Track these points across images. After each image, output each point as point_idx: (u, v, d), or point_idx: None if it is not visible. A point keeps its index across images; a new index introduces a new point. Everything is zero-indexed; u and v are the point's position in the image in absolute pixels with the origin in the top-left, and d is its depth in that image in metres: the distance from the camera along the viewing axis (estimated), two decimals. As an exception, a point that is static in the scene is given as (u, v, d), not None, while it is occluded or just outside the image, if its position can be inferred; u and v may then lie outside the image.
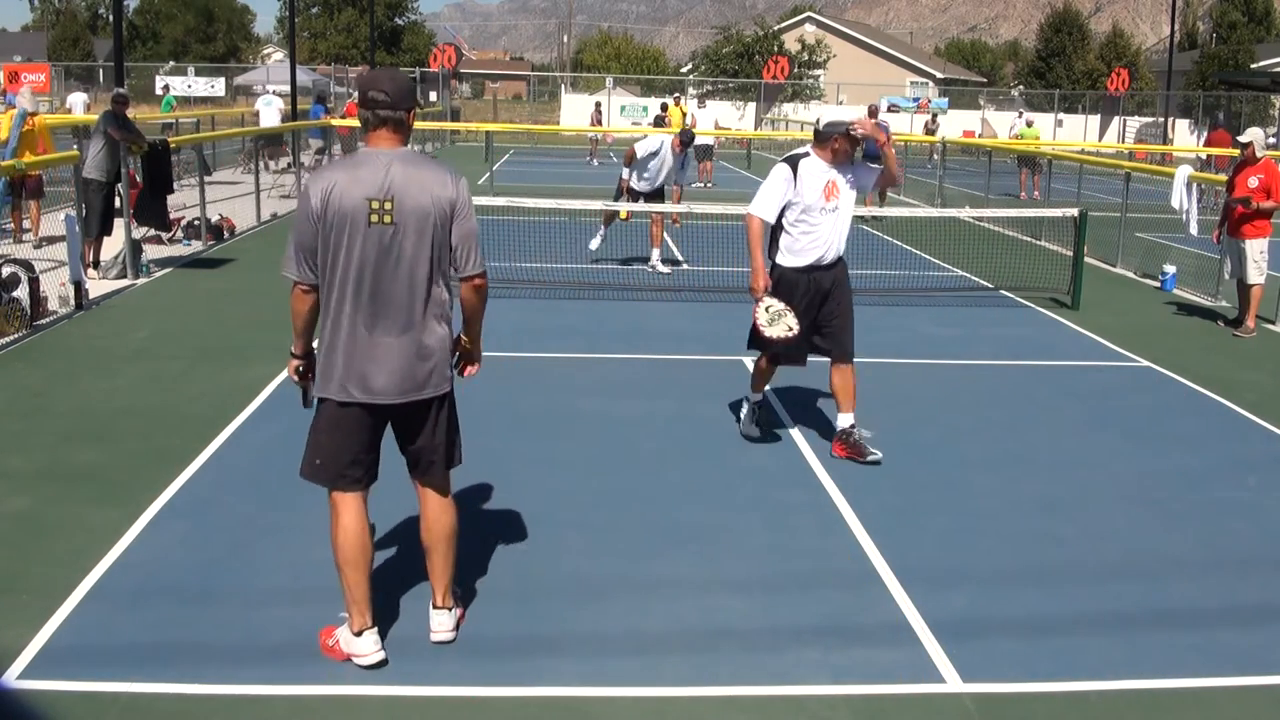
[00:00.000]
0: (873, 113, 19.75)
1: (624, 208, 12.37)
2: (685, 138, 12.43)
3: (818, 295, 6.23)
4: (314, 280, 3.82)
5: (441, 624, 4.15)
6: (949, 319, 10.59)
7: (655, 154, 12.36)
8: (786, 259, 6.26)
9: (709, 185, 24.20)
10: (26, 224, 13.26)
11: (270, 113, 26.65)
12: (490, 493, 5.72)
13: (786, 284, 6.22)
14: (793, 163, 6.20)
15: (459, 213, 3.83)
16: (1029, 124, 26.35)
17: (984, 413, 7.56)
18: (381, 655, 3.96)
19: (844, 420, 6.32)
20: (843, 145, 6.12)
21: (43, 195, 13.43)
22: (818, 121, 6.36)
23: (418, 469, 4.13)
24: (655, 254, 12.84)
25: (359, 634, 3.95)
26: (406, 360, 3.86)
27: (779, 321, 6.06)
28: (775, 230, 6.25)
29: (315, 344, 3.97)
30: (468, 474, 5.99)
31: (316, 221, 3.73)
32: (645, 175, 12.51)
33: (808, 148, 6.23)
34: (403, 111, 3.81)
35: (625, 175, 12.60)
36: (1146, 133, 41.71)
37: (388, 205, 3.71)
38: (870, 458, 6.20)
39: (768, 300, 6.11)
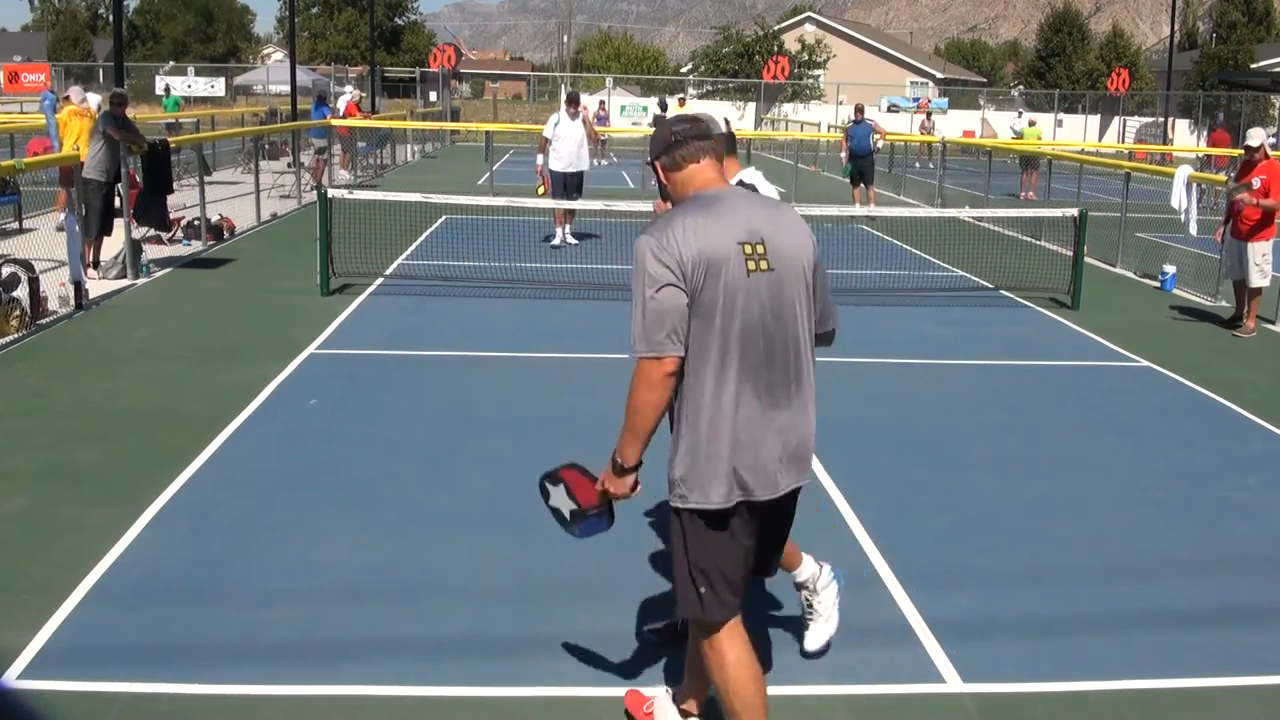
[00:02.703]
0: (859, 111, 19.74)
1: (568, 205, 13.17)
2: (571, 97, 14.28)
3: None
4: (682, 352, 3.04)
5: None
6: (949, 319, 10.59)
7: (557, 124, 13.82)
8: None
9: None
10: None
11: (340, 107, 27.47)
12: (491, 493, 5.72)
13: None
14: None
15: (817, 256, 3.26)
16: (1031, 123, 26.37)
17: (984, 413, 7.56)
18: None
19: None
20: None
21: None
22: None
23: (759, 569, 3.43)
24: (561, 231, 13.94)
25: None
26: (798, 440, 3.21)
27: None
28: None
29: (675, 441, 3.16)
30: (468, 474, 6.01)
31: (681, 279, 3.00)
32: (558, 149, 13.77)
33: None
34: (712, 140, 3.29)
35: (540, 162, 13.99)
36: (1146, 133, 41.72)
37: (760, 249, 3.09)
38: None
39: None
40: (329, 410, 7.07)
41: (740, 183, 3.85)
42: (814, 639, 4.10)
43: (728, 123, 4.02)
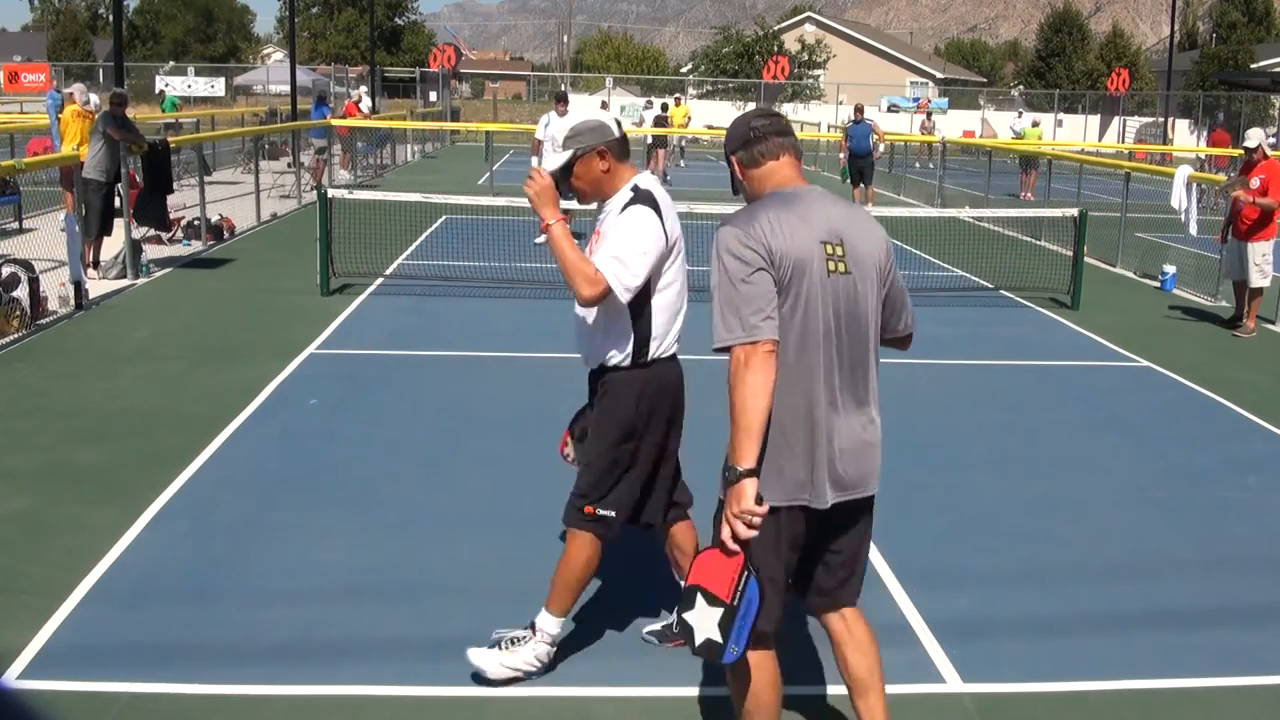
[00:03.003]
0: (859, 111, 19.74)
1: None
2: (559, 95, 14.48)
3: None
4: (777, 336, 2.90)
5: None
6: (949, 319, 10.59)
7: (548, 125, 13.84)
8: None
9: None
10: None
11: (363, 106, 28.13)
12: (491, 493, 5.72)
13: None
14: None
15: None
16: (1034, 124, 26.38)
17: (984, 413, 7.56)
18: None
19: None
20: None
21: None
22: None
23: (827, 590, 3.24)
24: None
25: None
26: (866, 449, 3.11)
27: None
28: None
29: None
30: (468, 474, 6.01)
31: (770, 268, 2.91)
32: (551, 149, 13.66)
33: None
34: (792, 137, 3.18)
35: (535, 164, 13.71)
36: (1146, 133, 41.72)
37: (839, 250, 3.01)
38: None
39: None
40: (329, 410, 7.07)
41: (635, 188, 3.73)
42: (479, 655, 3.84)
43: (619, 124, 3.81)
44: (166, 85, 37.64)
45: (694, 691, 3.90)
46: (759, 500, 2.83)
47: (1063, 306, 11.28)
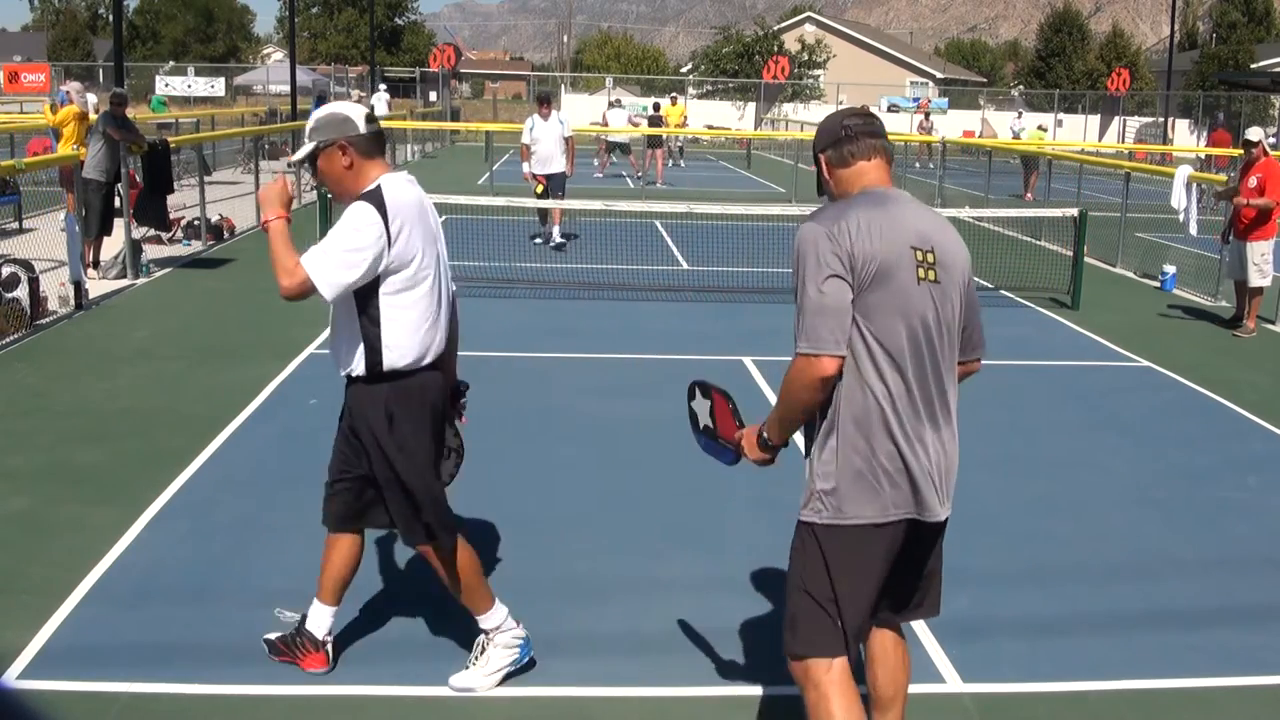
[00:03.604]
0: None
1: (548, 205, 13.19)
2: (541, 96, 14.31)
3: None
4: (844, 353, 2.81)
5: None
6: (949, 319, 10.57)
7: (533, 128, 13.81)
8: None
9: (656, 182, 23.47)
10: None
11: (380, 105, 29.22)
12: (490, 493, 5.72)
13: None
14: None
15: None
16: (1040, 127, 26.66)
17: (984, 413, 7.55)
18: None
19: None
20: None
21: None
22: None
23: (901, 607, 3.19)
24: (555, 230, 13.83)
25: None
26: (950, 465, 3.00)
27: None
28: None
29: (818, 449, 2.94)
30: (468, 474, 6.00)
31: (849, 274, 2.79)
32: (539, 153, 13.73)
33: None
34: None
35: (527, 170, 13.82)
36: (1146, 133, 41.71)
37: (930, 258, 2.90)
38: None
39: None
40: (329, 410, 7.02)
41: (375, 187, 3.59)
42: (461, 679, 3.81)
43: (370, 119, 3.65)
44: (166, 85, 37.65)
45: (694, 691, 3.90)
46: (778, 449, 3.04)
47: (1063, 306, 11.28)
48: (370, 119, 3.65)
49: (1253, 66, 48.36)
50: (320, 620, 3.86)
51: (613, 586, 4.69)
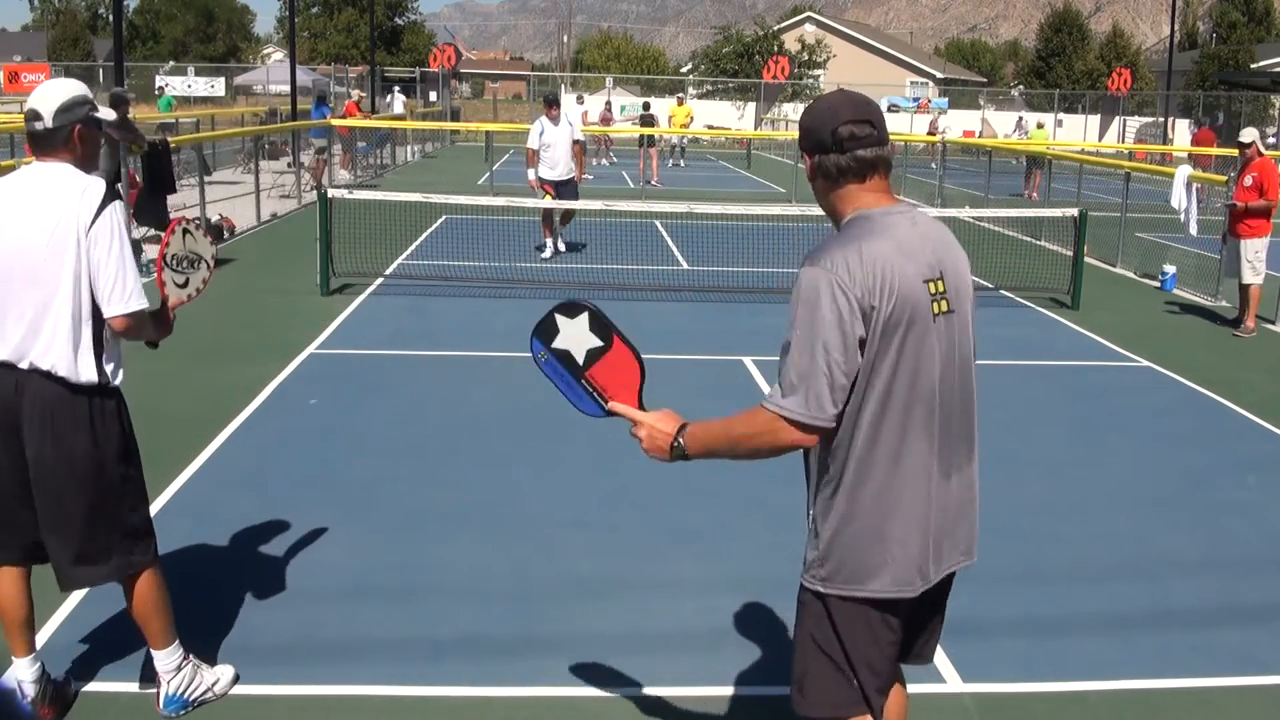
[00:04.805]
0: None
1: (556, 204, 12.92)
2: (549, 98, 13.74)
3: None
4: (835, 423, 2.48)
5: None
6: (949, 319, 10.58)
7: (542, 133, 13.14)
8: None
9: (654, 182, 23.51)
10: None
11: (397, 105, 29.96)
12: (490, 493, 5.72)
13: None
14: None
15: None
16: (1039, 125, 26.72)
17: (984, 413, 7.52)
18: None
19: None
20: None
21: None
22: None
23: (913, 652, 2.94)
24: (552, 241, 13.51)
25: None
26: (972, 511, 2.74)
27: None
28: None
29: (823, 511, 2.65)
30: (468, 474, 6.01)
31: (862, 323, 2.43)
32: (549, 158, 13.17)
33: None
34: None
35: (533, 176, 13.27)
36: (1146, 133, 41.70)
37: (941, 286, 2.55)
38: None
39: None
40: (329, 410, 7.07)
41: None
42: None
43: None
44: (166, 85, 37.64)
45: (694, 691, 3.90)
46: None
47: (1063, 306, 11.28)
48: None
49: (1253, 66, 48.38)
50: None
51: (613, 586, 4.69)
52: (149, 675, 3.70)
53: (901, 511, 2.53)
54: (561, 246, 13.62)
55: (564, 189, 13.19)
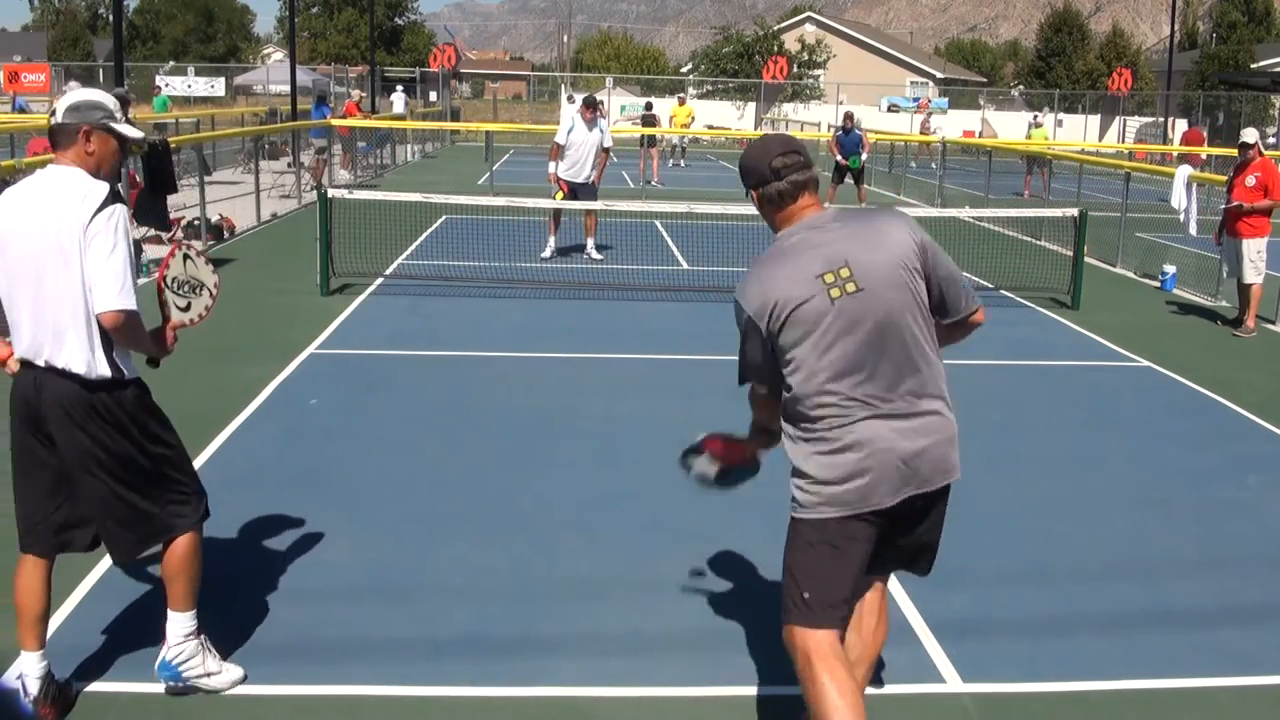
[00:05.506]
0: (849, 119, 19.78)
1: (564, 205, 12.82)
2: (589, 101, 13.30)
3: None
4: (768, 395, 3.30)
5: None
6: (949, 319, 10.58)
7: (571, 130, 12.87)
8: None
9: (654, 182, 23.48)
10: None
11: (398, 104, 30.33)
12: (490, 492, 5.72)
13: None
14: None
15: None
16: (1039, 125, 26.79)
17: (984, 413, 7.55)
18: None
19: None
20: None
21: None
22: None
23: (892, 563, 3.43)
24: (590, 243, 13.36)
25: None
26: (935, 438, 3.20)
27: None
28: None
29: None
30: (468, 474, 6.00)
31: (763, 329, 3.13)
32: (572, 157, 12.94)
33: None
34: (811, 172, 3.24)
35: (553, 170, 13.08)
36: (1146, 133, 41.70)
37: (844, 273, 3.08)
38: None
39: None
40: (329, 410, 7.07)
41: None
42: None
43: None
44: (166, 84, 37.64)
45: (694, 691, 3.91)
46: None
47: (1063, 306, 11.28)
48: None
49: (1253, 66, 48.39)
50: None
51: (612, 586, 4.69)
52: (162, 636, 3.74)
53: (842, 456, 3.06)
54: (596, 254, 13.22)
55: (583, 190, 12.93)
